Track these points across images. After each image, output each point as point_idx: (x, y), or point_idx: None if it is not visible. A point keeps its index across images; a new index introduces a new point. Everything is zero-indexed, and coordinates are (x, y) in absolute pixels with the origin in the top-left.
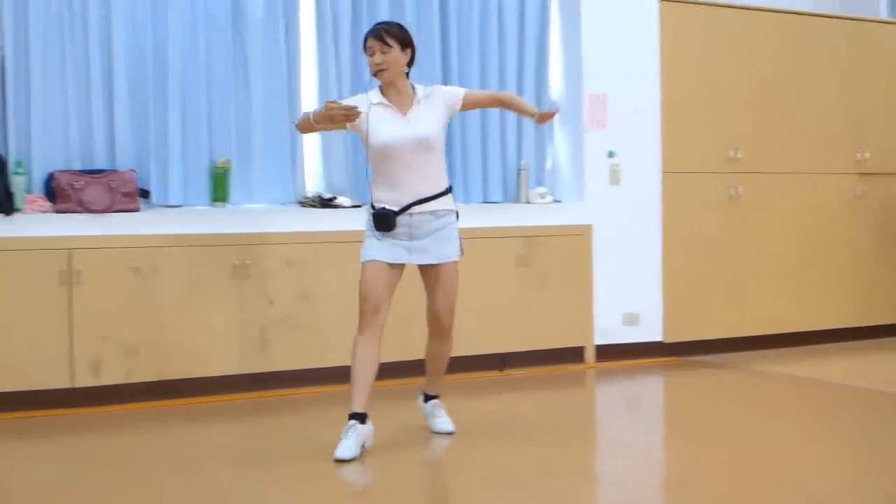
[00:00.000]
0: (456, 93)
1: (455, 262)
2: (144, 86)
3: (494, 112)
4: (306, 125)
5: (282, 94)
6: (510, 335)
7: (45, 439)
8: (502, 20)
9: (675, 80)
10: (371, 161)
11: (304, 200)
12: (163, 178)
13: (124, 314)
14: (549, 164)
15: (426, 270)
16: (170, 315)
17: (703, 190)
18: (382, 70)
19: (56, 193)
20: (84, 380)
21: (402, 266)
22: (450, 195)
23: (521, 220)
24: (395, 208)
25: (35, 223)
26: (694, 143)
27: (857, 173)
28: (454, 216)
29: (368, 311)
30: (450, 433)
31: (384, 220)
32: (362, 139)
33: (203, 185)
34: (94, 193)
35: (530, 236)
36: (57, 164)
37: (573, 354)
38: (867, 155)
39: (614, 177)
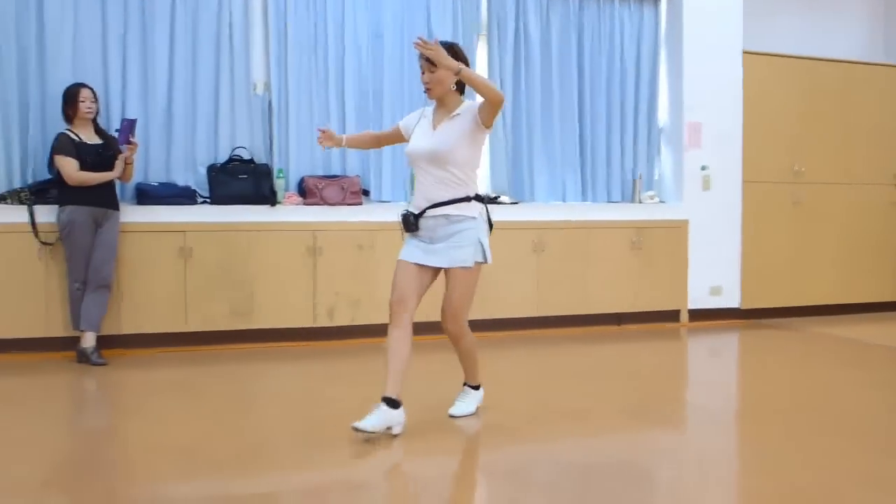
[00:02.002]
0: (474, 105)
1: (467, 269)
2: (366, 118)
3: (617, 134)
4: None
5: None
6: (625, 300)
7: (294, 362)
8: (624, 67)
9: (753, 113)
10: None
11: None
12: (378, 181)
13: (351, 276)
14: (657, 175)
15: (445, 273)
16: (381, 277)
17: (773, 195)
18: (428, 89)
19: (305, 192)
20: (322, 321)
21: (431, 269)
22: (471, 203)
23: (635, 216)
24: (416, 212)
25: (291, 212)
26: (767, 160)
27: (893, 184)
28: (473, 223)
29: (393, 301)
30: (451, 416)
31: (405, 222)
32: None
33: (404, 186)
34: (331, 192)
35: (642, 227)
36: (306, 171)
37: (671, 316)
38: None
39: (706, 184)
